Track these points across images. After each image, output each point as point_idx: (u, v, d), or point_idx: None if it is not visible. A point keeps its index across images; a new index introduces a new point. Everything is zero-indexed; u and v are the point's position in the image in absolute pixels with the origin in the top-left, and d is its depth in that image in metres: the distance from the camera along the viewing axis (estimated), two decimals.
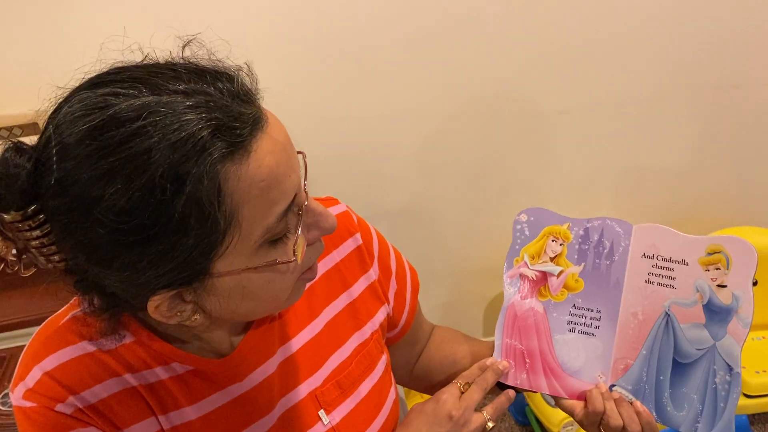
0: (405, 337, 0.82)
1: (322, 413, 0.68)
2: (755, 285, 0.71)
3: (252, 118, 0.47)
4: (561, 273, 0.77)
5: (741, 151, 1.69)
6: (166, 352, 0.59)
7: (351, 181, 1.54)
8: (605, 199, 1.70)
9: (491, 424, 0.71)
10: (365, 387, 0.71)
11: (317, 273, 0.61)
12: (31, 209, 0.45)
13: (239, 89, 0.48)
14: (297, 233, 0.52)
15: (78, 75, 0.48)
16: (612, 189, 1.69)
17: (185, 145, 0.43)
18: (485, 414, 0.71)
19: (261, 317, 0.64)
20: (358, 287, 0.73)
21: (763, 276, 0.82)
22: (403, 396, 1.64)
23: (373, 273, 0.75)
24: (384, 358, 0.75)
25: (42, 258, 0.48)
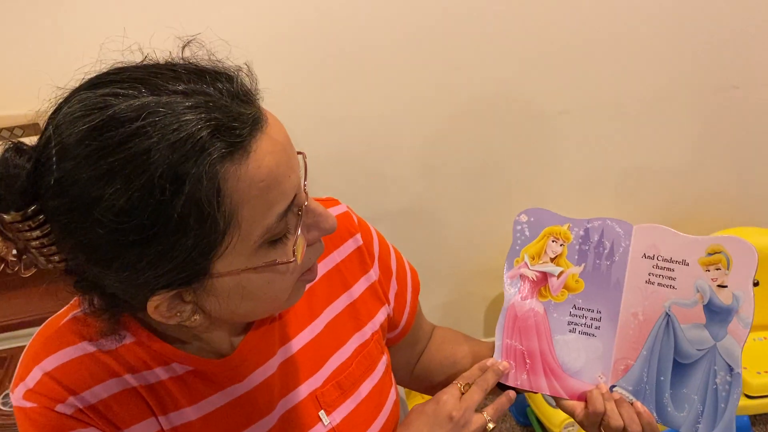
0: (405, 338, 0.82)
1: (322, 414, 0.67)
2: (756, 285, 0.71)
3: (251, 118, 0.47)
4: (561, 273, 0.77)
5: (741, 151, 1.68)
6: (166, 352, 0.59)
7: (351, 182, 1.54)
8: (605, 199, 1.70)
9: (492, 424, 0.71)
10: (366, 388, 0.71)
11: (317, 274, 0.61)
12: (31, 209, 0.45)
13: (239, 89, 0.48)
14: (297, 234, 0.52)
15: (78, 75, 0.48)
16: (612, 189, 1.69)
17: (184, 146, 0.43)
18: (486, 415, 0.71)
19: (261, 318, 0.63)
20: (358, 288, 0.73)
21: (764, 276, 0.82)
22: (404, 397, 1.64)
23: (374, 273, 0.75)
24: (384, 358, 0.75)
25: (42, 258, 0.48)
